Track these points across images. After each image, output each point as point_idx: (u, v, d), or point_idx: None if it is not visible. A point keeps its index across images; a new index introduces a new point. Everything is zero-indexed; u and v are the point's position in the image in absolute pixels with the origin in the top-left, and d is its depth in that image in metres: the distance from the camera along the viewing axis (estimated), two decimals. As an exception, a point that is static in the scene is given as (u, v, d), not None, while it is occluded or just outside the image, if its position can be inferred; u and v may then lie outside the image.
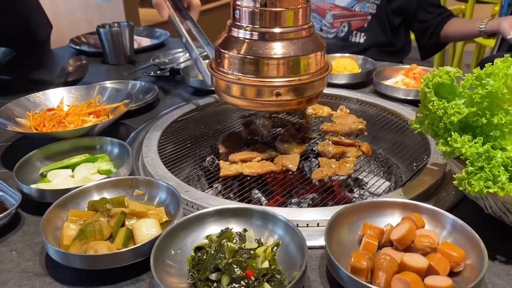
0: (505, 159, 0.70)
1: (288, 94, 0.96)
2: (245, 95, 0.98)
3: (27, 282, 0.72)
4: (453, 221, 0.72)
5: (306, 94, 0.98)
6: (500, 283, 0.68)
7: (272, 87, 0.95)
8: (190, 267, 0.70)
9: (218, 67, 1.02)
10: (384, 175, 1.14)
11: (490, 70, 0.76)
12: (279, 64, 0.94)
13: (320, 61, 0.99)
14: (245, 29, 0.96)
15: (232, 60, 0.97)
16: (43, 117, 1.15)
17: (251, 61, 0.95)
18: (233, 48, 0.97)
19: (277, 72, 0.95)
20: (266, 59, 0.94)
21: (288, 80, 0.95)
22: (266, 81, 0.95)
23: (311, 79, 0.97)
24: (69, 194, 0.84)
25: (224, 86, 1.01)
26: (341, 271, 0.64)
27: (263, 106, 0.99)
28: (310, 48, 0.96)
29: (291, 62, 0.94)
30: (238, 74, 0.97)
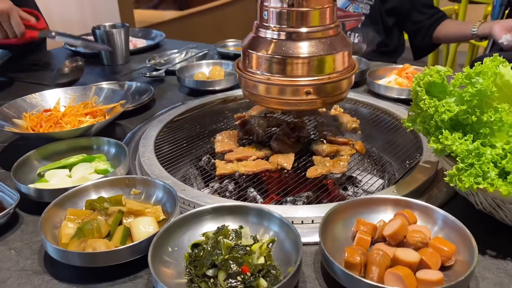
0: (495, 155, 0.71)
1: (318, 93, 0.98)
2: (275, 94, 0.99)
3: (26, 280, 0.73)
4: (444, 217, 0.74)
5: (335, 92, 1.00)
6: (490, 276, 0.70)
7: (302, 86, 0.96)
8: (187, 264, 0.71)
9: (246, 68, 1.03)
10: (378, 173, 1.16)
11: (480, 69, 0.77)
12: (308, 63, 0.96)
13: (347, 59, 1.01)
14: (273, 29, 0.97)
15: (261, 61, 0.98)
16: (39, 118, 1.16)
17: (280, 61, 0.96)
18: (261, 48, 0.98)
19: (306, 71, 0.96)
20: (295, 58, 0.95)
21: (317, 79, 0.96)
22: (296, 80, 0.96)
23: (340, 77, 0.99)
24: (67, 193, 0.85)
25: (253, 86, 1.02)
26: (335, 266, 0.65)
27: (293, 105, 1.00)
28: (338, 47, 0.98)
29: (321, 61, 0.96)
30: (267, 74, 0.98)
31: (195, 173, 1.19)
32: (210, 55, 1.82)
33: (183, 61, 1.73)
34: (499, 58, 0.79)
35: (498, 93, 0.77)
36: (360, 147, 1.09)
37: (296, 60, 0.95)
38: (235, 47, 1.92)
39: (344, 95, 1.05)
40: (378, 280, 0.65)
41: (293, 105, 1.00)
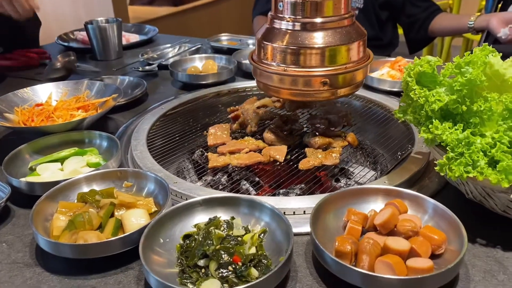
0: (484, 145, 0.72)
1: (334, 83, 0.97)
2: (291, 86, 0.99)
3: (17, 272, 0.73)
4: (435, 206, 0.74)
5: (351, 82, 1.00)
6: (480, 264, 0.70)
7: (319, 77, 0.96)
8: (178, 255, 0.71)
9: (262, 59, 1.02)
10: (370, 165, 1.16)
11: (469, 59, 0.78)
12: (324, 54, 0.95)
13: (362, 49, 1.01)
14: (288, 20, 0.97)
15: (276, 52, 0.98)
16: (31, 112, 1.15)
17: (296, 51, 0.95)
18: (277, 39, 0.97)
19: (323, 62, 0.96)
20: (311, 49, 0.94)
21: (334, 69, 0.96)
22: (313, 71, 0.96)
23: (356, 67, 0.98)
24: (59, 186, 0.84)
25: (269, 77, 1.01)
26: (325, 255, 0.65)
27: (309, 96, 0.99)
28: (353, 36, 0.98)
29: (337, 51, 0.96)
30: (283, 65, 0.97)
31: (188, 167, 1.19)
32: (203, 49, 1.82)
33: (176, 56, 1.73)
34: (489, 47, 0.79)
35: (487, 83, 0.77)
36: (353, 139, 1.09)
37: (312, 51, 0.94)
38: (229, 41, 1.91)
39: (359, 85, 1.05)
40: (368, 268, 0.65)
41: (309, 96, 0.99)
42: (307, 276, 0.69)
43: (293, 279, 0.69)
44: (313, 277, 0.69)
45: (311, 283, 0.68)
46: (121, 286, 0.69)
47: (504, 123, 0.73)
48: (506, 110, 0.74)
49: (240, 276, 0.65)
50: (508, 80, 0.78)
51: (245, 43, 1.87)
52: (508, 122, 0.73)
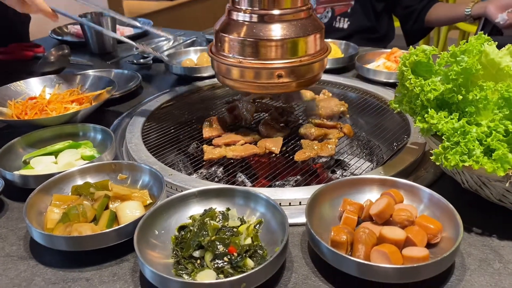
0: (480, 133, 0.71)
1: (289, 76, 0.97)
2: (247, 78, 0.98)
3: (11, 265, 0.72)
4: (430, 195, 0.74)
5: (307, 75, 0.99)
6: (476, 253, 0.70)
7: (273, 69, 0.96)
8: (173, 246, 0.71)
9: (219, 51, 1.02)
10: (366, 156, 1.16)
11: (465, 47, 0.77)
12: (279, 46, 0.95)
13: (319, 42, 1.00)
14: (245, 12, 0.96)
15: (232, 44, 0.97)
16: (25, 105, 1.15)
17: (251, 43, 0.95)
18: (233, 31, 0.97)
19: (278, 54, 0.95)
20: (266, 41, 0.94)
21: (289, 62, 0.95)
22: (267, 63, 0.95)
23: (312, 60, 0.98)
24: (53, 179, 0.84)
25: (225, 69, 1.01)
26: (321, 245, 0.65)
27: (265, 88, 0.99)
28: (309, 29, 0.97)
29: (292, 44, 0.95)
30: (239, 57, 0.97)
31: (183, 159, 1.18)
32: (198, 42, 1.81)
33: (171, 49, 1.71)
34: (484, 36, 0.78)
35: (483, 71, 0.77)
36: (348, 130, 1.08)
37: (268, 43, 0.94)
38: (224, 34, 1.90)
39: (317, 78, 1.04)
40: (364, 258, 0.65)
41: (265, 88, 0.99)
42: (303, 266, 0.69)
43: (289, 269, 0.68)
44: (309, 267, 0.69)
45: (307, 273, 0.68)
46: (116, 278, 0.69)
47: (499, 111, 0.73)
48: (501, 98, 0.73)
49: (235, 266, 0.65)
50: (504, 69, 0.78)
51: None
52: (503, 111, 0.73)
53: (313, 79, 1.03)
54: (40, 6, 1.14)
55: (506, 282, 0.65)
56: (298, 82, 0.99)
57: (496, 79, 0.78)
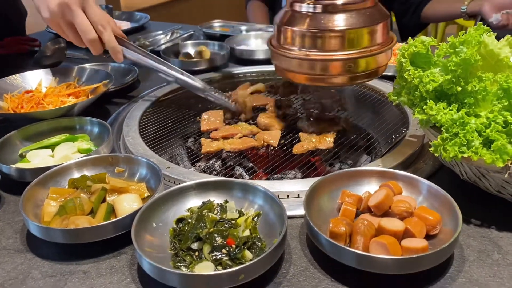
0: (479, 125, 0.71)
1: (359, 66, 0.94)
2: (314, 71, 0.95)
3: (8, 259, 0.72)
4: (429, 187, 0.74)
5: (375, 65, 0.97)
6: (475, 244, 0.70)
7: (344, 60, 0.93)
8: (171, 238, 0.70)
9: (282, 45, 0.98)
10: (364, 149, 1.15)
11: (464, 38, 0.77)
12: (348, 36, 0.92)
13: (386, 31, 0.98)
14: (309, 2, 0.93)
15: (298, 36, 0.94)
16: (21, 99, 1.14)
17: (319, 35, 0.92)
18: (298, 23, 0.94)
19: (347, 45, 0.92)
20: (334, 32, 0.91)
21: (359, 52, 0.93)
22: (337, 55, 0.92)
23: (381, 49, 0.95)
24: (49, 172, 0.83)
25: (290, 63, 0.98)
26: (320, 236, 0.65)
27: (333, 81, 0.96)
28: (377, 18, 0.94)
29: (361, 34, 0.92)
30: (305, 50, 0.94)
31: (181, 153, 1.18)
32: (195, 36, 1.80)
33: (168, 42, 1.71)
34: (483, 27, 0.78)
35: (482, 62, 0.76)
36: (347, 123, 1.08)
37: (335, 34, 0.91)
38: (221, 28, 1.89)
39: (383, 68, 1.01)
40: (363, 249, 0.65)
41: (333, 81, 0.96)
42: (301, 258, 0.69)
43: (287, 261, 0.68)
44: (308, 259, 0.69)
45: (306, 265, 0.68)
46: (114, 270, 0.68)
47: (498, 102, 0.72)
48: (500, 89, 0.73)
49: (234, 258, 0.65)
50: (503, 60, 0.78)
51: (237, 29, 1.85)
52: (502, 102, 0.72)
53: (380, 69, 1.00)
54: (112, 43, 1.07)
55: (504, 273, 0.65)
56: (367, 72, 0.97)
57: (495, 70, 0.78)
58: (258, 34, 1.71)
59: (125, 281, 0.66)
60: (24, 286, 0.66)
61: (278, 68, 1.04)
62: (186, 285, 0.60)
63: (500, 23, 1.62)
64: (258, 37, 1.70)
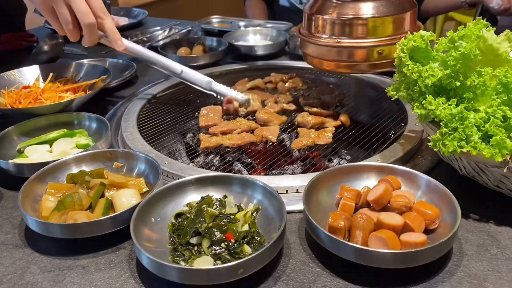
0: (478, 119, 0.71)
1: (389, 53, 0.97)
2: (345, 58, 0.98)
3: (6, 254, 0.72)
4: (427, 181, 0.74)
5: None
6: (473, 238, 0.70)
7: (375, 47, 0.95)
8: (170, 233, 0.70)
9: (312, 33, 1.01)
10: (363, 145, 1.15)
11: (463, 33, 0.77)
12: (380, 23, 0.95)
13: (414, 19, 1.00)
14: None
15: (329, 24, 0.96)
16: (18, 94, 1.13)
17: (350, 22, 0.94)
18: (328, 11, 0.97)
19: (378, 32, 0.95)
20: (365, 19, 0.94)
21: (390, 39, 0.95)
22: (369, 42, 0.95)
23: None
24: (47, 167, 0.83)
25: (320, 51, 1.00)
26: (319, 230, 0.65)
27: (363, 67, 0.99)
28: (406, 6, 0.97)
29: (391, 21, 0.95)
30: (335, 37, 0.96)
31: (180, 149, 1.17)
32: (194, 32, 1.80)
33: (166, 38, 1.70)
34: (482, 21, 0.78)
35: (481, 57, 0.76)
36: (345, 118, 1.08)
37: (365, 21, 0.94)
38: (219, 24, 1.89)
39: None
40: (362, 243, 0.65)
41: (364, 67, 0.99)
42: (300, 253, 0.69)
43: (286, 255, 0.68)
44: (307, 254, 0.69)
45: (305, 259, 0.68)
46: (112, 265, 0.68)
47: (497, 97, 0.72)
48: (500, 84, 0.73)
49: (233, 253, 0.65)
50: (502, 55, 0.78)
51: (236, 25, 1.84)
52: (501, 97, 0.72)
53: None
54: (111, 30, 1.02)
55: (503, 267, 0.65)
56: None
57: (494, 64, 0.78)
58: (256, 30, 1.70)
59: (124, 276, 0.66)
60: (22, 281, 0.66)
61: (307, 57, 1.07)
62: (185, 280, 0.60)
63: (501, 7, 1.62)
64: (257, 33, 1.69)
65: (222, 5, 4.16)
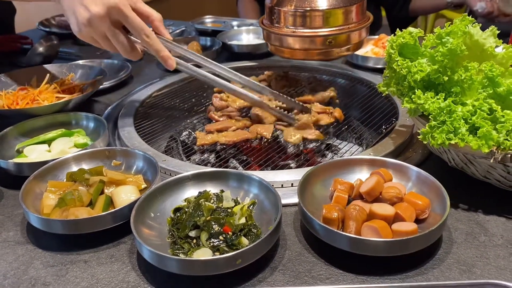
0: (465, 112, 0.74)
1: (338, 42, 1.10)
2: (300, 46, 1.11)
3: (9, 250, 0.73)
4: (418, 173, 0.76)
5: (353, 41, 1.13)
6: (462, 227, 0.73)
7: (325, 36, 1.09)
8: (170, 227, 0.72)
9: (272, 23, 1.14)
10: (356, 141, 1.18)
11: (450, 29, 0.79)
12: (330, 15, 1.07)
13: (363, 11, 1.13)
14: None
15: (286, 16, 1.10)
16: (15, 95, 1.14)
17: (304, 14, 1.07)
18: (286, 4, 1.09)
19: (328, 23, 1.08)
20: (318, 11, 1.07)
21: (339, 29, 1.09)
22: (319, 32, 1.08)
23: (358, 27, 1.11)
24: (47, 165, 0.84)
25: (279, 40, 1.14)
26: (314, 221, 0.67)
27: (316, 55, 1.13)
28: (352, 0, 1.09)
29: (341, 13, 1.08)
30: (292, 27, 1.10)
31: (176, 147, 1.19)
32: (187, 32, 1.81)
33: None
34: (468, 18, 0.80)
35: (467, 52, 0.79)
36: (339, 114, 1.10)
37: (320, 13, 1.07)
38: (213, 23, 1.91)
39: (361, 44, 1.18)
40: (355, 234, 0.67)
41: (317, 55, 1.13)
42: (296, 244, 0.71)
43: (283, 247, 0.70)
44: (302, 245, 0.71)
45: (300, 250, 0.70)
46: (114, 259, 0.70)
47: (484, 91, 0.75)
48: (485, 78, 0.76)
49: (231, 245, 0.67)
50: (487, 50, 0.81)
51: (229, 24, 1.86)
52: (487, 90, 0.75)
53: (358, 44, 1.17)
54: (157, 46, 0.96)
55: (491, 254, 0.67)
56: (346, 47, 1.13)
57: (481, 59, 0.80)
58: (249, 29, 1.73)
59: (125, 269, 0.68)
60: (26, 276, 0.68)
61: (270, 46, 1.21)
62: (185, 270, 0.62)
63: (485, 10, 1.67)
64: (250, 32, 1.71)
65: (215, 5, 4.17)
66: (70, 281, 0.66)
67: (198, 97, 1.34)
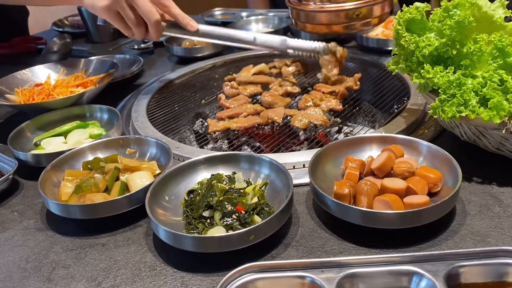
0: (475, 85, 0.73)
1: (366, 15, 1.14)
2: (328, 21, 1.15)
3: (30, 237, 0.76)
4: (428, 147, 0.76)
5: (379, 13, 1.16)
6: (476, 200, 0.72)
7: (353, 10, 1.13)
8: (184, 208, 0.73)
9: (300, 1, 1.19)
10: (368, 123, 1.18)
11: (457, 1, 0.79)
12: None
13: None
14: None
15: None
16: (31, 92, 1.17)
17: None
18: None
19: None
20: None
21: (365, 2, 1.13)
22: (348, 5, 1.13)
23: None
24: (64, 155, 0.87)
25: (307, 16, 1.18)
26: (326, 198, 0.67)
27: (344, 28, 1.17)
28: None
29: None
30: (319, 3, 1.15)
31: (189, 136, 1.21)
32: (197, 25, 1.82)
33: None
34: (476, -11, 0.79)
35: (476, 24, 0.78)
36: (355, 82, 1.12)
37: None
38: (222, 15, 1.91)
39: (386, 16, 1.21)
40: (367, 208, 0.67)
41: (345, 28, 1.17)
42: (308, 221, 0.72)
43: (295, 224, 0.71)
44: (315, 222, 0.71)
45: (313, 226, 0.70)
46: (130, 242, 0.72)
47: (494, 62, 0.74)
48: (495, 49, 0.75)
49: (244, 223, 0.68)
50: (496, 21, 0.80)
51: (238, 16, 1.87)
52: (497, 61, 0.74)
53: (384, 16, 1.19)
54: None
55: (505, 224, 0.67)
56: (372, 20, 1.16)
57: (490, 31, 0.79)
58: (258, 19, 1.73)
59: (141, 250, 0.70)
60: (47, 259, 0.70)
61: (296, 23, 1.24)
62: (200, 248, 0.63)
63: None
64: (259, 22, 1.72)
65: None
66: (89, 263, 0.68)
67: (209, 87, 1.35)
